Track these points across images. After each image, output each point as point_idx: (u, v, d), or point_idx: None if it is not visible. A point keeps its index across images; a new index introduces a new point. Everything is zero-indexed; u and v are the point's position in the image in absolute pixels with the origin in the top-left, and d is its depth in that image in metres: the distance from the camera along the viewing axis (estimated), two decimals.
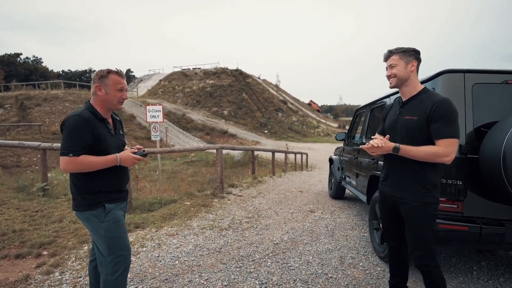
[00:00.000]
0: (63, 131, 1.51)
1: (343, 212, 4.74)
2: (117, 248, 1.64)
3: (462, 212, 2.20)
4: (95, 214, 1.60)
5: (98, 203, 1.60)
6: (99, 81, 1.61)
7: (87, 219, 1.61)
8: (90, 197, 1.59)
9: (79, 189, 1.59)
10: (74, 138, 1.48)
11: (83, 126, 1.50)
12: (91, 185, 1.59)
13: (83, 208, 1.59)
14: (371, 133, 3.99)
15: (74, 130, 1.49)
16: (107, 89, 1.61)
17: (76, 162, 1.48)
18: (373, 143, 1.71)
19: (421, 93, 1.77)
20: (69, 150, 1.47)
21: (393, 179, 1.86)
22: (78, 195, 1.60)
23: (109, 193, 1.65)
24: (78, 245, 3.06)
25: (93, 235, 1.65)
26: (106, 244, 1.61)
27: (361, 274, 2.62)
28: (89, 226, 1.64)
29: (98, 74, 1.61)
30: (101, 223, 1.60)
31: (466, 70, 2.29)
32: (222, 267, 2.68)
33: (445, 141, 1.62)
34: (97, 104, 1.63)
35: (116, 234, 1.65)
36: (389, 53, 1.82)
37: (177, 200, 4.90)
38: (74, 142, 1.48)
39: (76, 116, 1.51)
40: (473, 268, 2.78)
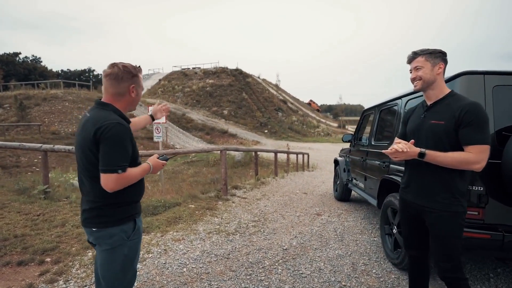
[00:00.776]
0: (103, 142, 1.26)
1: (350, 215, 4.66)
2: (129, 271, 1.44)
3: (483, 219, 2.12)
4: (125, 229, 1.38)
5: (129, 216, 1.40)
6: (133, 81, 1.40)
7: (110, 236, 1.36)
8: (122, 210, 1.38)
9: (110, 202, 1.35)
10: (120, 151, 1.28)
11: (126, 135, 1.31)
12: (124, 196, 1.37)
13: (111, 223, 1.35)
14: (380, 135, 3.91)
15: (119, 142, 1.28)
16: (139, 90, 1.44)
17: (124, 178, 1.29)
18: (397, 148, 1.62)
19: (448, 96, 1.68)
20: (118, 166, 1.26)
21: (416, 186, 1.77)
22: (108, 209, 1.35)
23: (137, 204, 1.48)
24: (82, 251, 2.97)
25: (108, 255, 1.38)
26: (120, 268, 1.39)
27: (376, 282, 2.54)
28: (109, 245, 1.37)
29: (129, 72, 1.38)
30: (128, 240, 1.39)
31: (486, 71, 2.21)
32: (231, 275, 2.59)
33: (476, 147, 1.54)
34: (122, 107, 1.42)
35: (135, 255, 1.46)
36: (413, 55, 1.73)
37: (181, 202, 4.81)
38: (121, 156, 1.29)
39: (117, 124, 1.29)
40: (490, 275, 2.70)
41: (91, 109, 1.39)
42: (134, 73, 1.39)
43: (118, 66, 1.36)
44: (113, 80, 1.36)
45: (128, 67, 1.38)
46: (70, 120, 19.88)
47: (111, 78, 1.36)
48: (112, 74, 1.36)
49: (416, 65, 1.72)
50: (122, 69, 1.36)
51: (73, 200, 4.72)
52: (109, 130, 1.26)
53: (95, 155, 1.29)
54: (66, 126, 19.05)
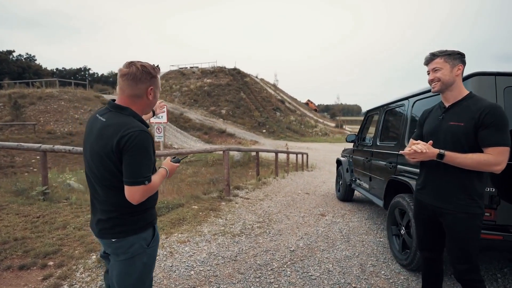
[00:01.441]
0: (129, 153, 1.17)
1: (354, 215, 4.65)
2: (147, 280, 1.37)
3: (495, 220, 2.11)
4: (145, 237, 1.32)
5: (149, 223, 1.34)
6: (151, 83, 1.29)
7: (131, 245, 1.28)
8: (142, 218, 1.32)
9: (130, 210, 1.27)
10: (146, 161, 1.20)
11: (150, 144, 1.23)
12: (144, 202, 1.29)
13: (132, 232, 1.28)
14: (385, 136, 3.90)
15: (145, 152, 1.20)
16: (157, 92, 1.34)
17: (150, 189, 1.22)
18: (416, 149, 1.60)
19: (467, 98, 1.67)
20: (144, 178, 1.19)
21: (433, 188, 1.75)
22: (128, 217, 1.28)
23: (154, 209, 1.41)
24: (86, 254, 2.91)
25: (126, 265, 1.30)
26: (138, 276, 1.32)
27: (385, 284, 2.52)
28: (128, 255, 1.29)
29: (148, 73, 1.26)
30: (148, 248, 1.33)
31: (497, 72, 2.20)
32: (240, 278, 2.56)
33: (496, 149, 1.52)
34: (139, 110, 1.32)
35: (153, 262, 1.40)
36: (432, 56, 1.71)
37: (184, 203, 4.76)
38: (147, 167, 1.21)
39: (141, 133, 1.20)
40: (497, 276, 2.70)
41: (104, 112, 1.29)
42: (153, 74, 1.29)
43: (136, 65, 1.25)
44: (130, 80, 1.25)
45: (147, 67, 1.27)
46: (66, 120, 19.68)
47: (128, 79, 1.25)
48: (129, 74, 1.24)
49: (434, 66, 1.70)
50: (140, 69, 1.25)
51: (73, 201, 4.65)
52: (134, 139, 1.16)
53: (115, 165, 1.20)
54: (62, 126, 18.86)
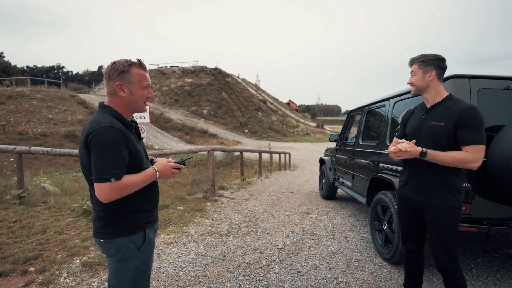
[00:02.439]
0: (93, 149, 1.15)
1: (338, 212, 4.79)
2: (141, 283, 1.36)
3: (470, 213, 2.27)
4: (134, 240, 1.29)
5: (139, 226, 1.31)
6: (120, 78, 1.24)
7: (120, 247, 1.26)
8: (130, 219, 1.28)
9: (117, 211, 1.25)
10: (112, 157, 1.15)
11: (119, 139, 1.18)
12: (133, 204, 1.27)
13: (118, 234, 1.26)
14: (368, 135, 4.05)
15: (110, 147, 1.15)
16: (132, 87, 1.27)
17: (120, 187, 1.16)
18: (401, 147, 1.70)
19: (447, 99, 1.79)
20: (109, 174, 1.13)
21: (416, 184, 1.86)
22: (115, 218, 1.25)
23: (149, 212, 1.37)
24: (69, 258, 2.81)
25: (118, 267, 1.29)
26: (131, 279, 1.30)
27: (369, 277, 2.63)
28: (118, 257, 1.28)
29: (116, 69, 1.24)
30: (138, 252, 1.30)
31: (472, 75, 2.36)
32: (230, 276, 2.58)
33: (473, 147, 1.65)
34: (120, 108, 1.28)
35: (147, 266, 1.38)
36: (411, 61, 1.87)
37: (169, 204, 4.69)
38: (114, 163, 1.15)
39: (107, 128, 1.16)
40: (471, 266, 2.89)
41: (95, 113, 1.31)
42: (121, 69, 1.24)
43: (110, 64, 1.26)
44: (105, 79, 1.28)
45: (117, 63, 1.25)
46: (39, 120, 18.74)
47: (104, 78, 1.28)
48: (104, 73, 1.28)
49: (411, 71, 1.85)
50: (110, 67, 1.25)
51: (52, 204, 4.46)
52: (99, 135, 1.14)
53: (89, 162, 1.20)
54: (34, 126, 17.93)
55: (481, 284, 2.55)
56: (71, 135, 17.72)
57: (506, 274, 2.72)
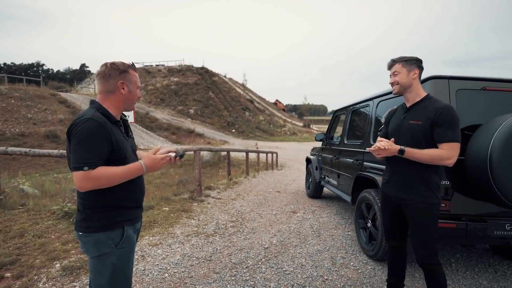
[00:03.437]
0: (73, 139, 1.21)
1: (324, 211, 4.84)
2: (119, 281, 1.34)
3: (450, 210, 2.34)
4: (112, 237, 1.30)
5: (117, 222, 1.32)
6: (122, 77, 1.35)
7: (96, 243, 1.28)
8: (110, 215, 1.30)
9: (95, 205, 1.28)
10: (88, 147, 1.19)
11: (98, 132, 1.22)
12: (111, 199, 1.30)
13: (96, 228, 1.28)
14: (352, 134, 4.11)
15: (87, 138, 1.20)
16: (131, 86, 1.39)
17: (93, 177, 1.19)
18: (380, 146, 1.75)
19: (425, 99, 1.85)
20: (83, 163, 1.18)
21: (397, 181, 1.91)
22: (93, 213, 1.28)
23: (130, 210, 1.38)
24: (48, 262, 2.71)
25: (97, 263, 1.31)
26: (110, 276, 1.31)
27: (354, 274, 2.68)
28: (96, 252, 1.29)
29: (117, 69, 1.34)
30: (116, 248, 1.31)
31: (450, 76, 2.44)
32: (216, 277, 2.55)
33: (448, 144, 1.71)
34: (113, 105, 1.36)
35: (126, 264, 1.37)
36: (392, 62, 1.90)
37: (154, 206, 4.61)
38: (89, 153, 1.19)
39: (88, 120, 1.22)
40: (451, 261, 2.99)
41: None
42: (122, 69, 1.36)
43: (107, 64, 1.35)
44: (102, 79, 1.35)
45: (116, 64, 1.36)
46: (17, 119, 18.00)
47: (100, 77, 1.35)
48: (100, 73, 1.35)
49: (394, 71, 1.89)
50: (109, 67, 1.34)
51: (31, 207, 4.29)
52: (78, 126, 1.21)
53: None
54: (12, 126, 17.21)
55: (460, 278, 2.64)
56: (51, 135, 17.13)
57: (483, 268, 2.83)
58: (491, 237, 2.31)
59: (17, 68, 58.87)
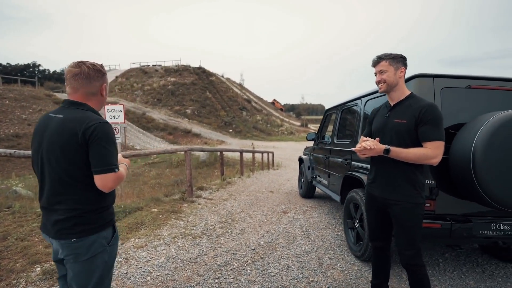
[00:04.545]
0: (96, 142, 1.22)
1: (315, 211, 4.81)
2: (107, 278, 1.36)
3: (435, 210, 2.31)
4: (105, 236, 1.33)
5: (109, 221, 1.36)
6: (104, 80, 1.36)
7: (91, 244, 1.27)
8: (103, 216, 1.33)
9: (95, 207, 1.29)
10: (113, 150, 1.27)
11: (114, 134, 1.30)
12: (105, 200, 1.33)
13: (92, 231, 1.28)
14: (342, 134, 4.08)
15: (112, 141, 1.27)
16: (107, 89, 1.42)
17: (120, 177, 1.28)
18: (365, 145, 1.71)
19: (409, 97, 1.82)
20: (114, 165, 1.25)
21: (382, 181, 1.87)
22: (89, 216, 1.28)
23: (112, 208, 1.42)
24: (29, 266, 2.66)
25: (87, 265, 1.28)
26: (100, 274, 1.31)
27: (340, 275, 2.64)
28: (88, 254, 1.27)
29: (99, 71, 1.33)
30: (108, 246, 1.34)
31: (435, 75, 2.41)
32: (199, 280, 2.51)
33: (432, 143, 1.68)
34: (93, 106, 1.37)
35: (113, 260, 1.40)
36: (378, 59, 1.84)
37: (143, 207, 4.56)
38: (115, 155, 1.28)
39: (105, 123, 1.27)
40: (439, 261, 2.96)
41: (59, 111, 1.31)
42: (103, 72, 1.37)
43: (86, 64, 1.31)
44: (84, 79, 1.30)
45: (97, 66, 1.35)
46: (11, 120, 17.87)
47: (81, 78, 1.30)
48: (82, 73, 1.30)
49: (380, 69, 1.83)
50: (92, 68, 1.32)
51: (16, 209, 4.23)
52: (100, 130, 1.23)
53: (81, 158, 1.23)
54: (6, 127, 17.08)
55: (447, 278, 2.61)
56: None
57: (471, 268, 2.81)
58: (476, 237, 2.28)
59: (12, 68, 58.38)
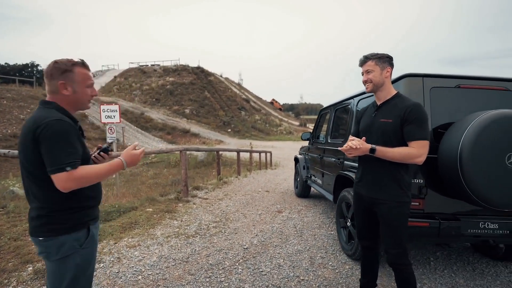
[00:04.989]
0: (45, 142, 1.16)
1: (310, 211, 4.82)
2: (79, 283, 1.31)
3: (423, 209, 2.32)
4: (77, 238, 1.28)
5: (82, 223, 1.30)
6: (63, 77, 1.28)
7: (61, 245, 1.24)
8: (74, 216, 1.28)
9: (61, 207, 1.25)
10: (65, 148, 1.18)
11: (71, 131, 1.22)
12: (76, 200, 1.28)
13: (61, 231, 1.24)
14: (336, 133, 4.09)
15: (62, 138, 1.18)
16: (75, 86, 1.30)
17: (77, 176, 1.18)
18: (351, 145, 1.72)
19: (395, 97, 1.83)
20: (64, 164, 1.15)
21: (369, 180, 1.89)
22: (58, 215, 1.25)
23: (92, 209, 1.37)
24: (21, 266, 2.67)
25: (58, 266, 1.26)
26: (71, 278, 1.27)
27: (331, 274, 2.65)
28: (58, 255, 1.25)
29: (58, 68, 1.27)
30: (81, 248, 1.29)
31: (425, 74, 2.42)
32: (190, 279, 2.52)
33: (417, 142, 1.69)
34: (64, 105, 1.31)
35: (88, 264, 1.35)
36: (365, 59, 1.85)
37: (137, 207, 4.56)
38: (68, 153, 1.18)
39: (58, 121, 1.19)
40: (430, 259, 2.98)
41: (36, 110, 1.31)
42: (64, 68, 1.28)
43: (51, 63, 1.29)
44: (47, 78, 1.29)
45: (59, 62, 1.28)
46: (9, 120, 17.83)
47: (46, 77, 1.29)
48: (46, 73, 1.29)
49: (367, 68, 1.85)
50: (52, 66, 1.28)
51: (11, 209, 4.23)
52: (49, 128, 1.17)
53: (36, 156, 1.19)
54: (4, 127, 17.04)
55: (437, 277, 2.63)
56: None
57: (461, 267, 2.83)
58: (465, 236, 2.29)
59: (11, 68, 58.20)
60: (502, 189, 1.94)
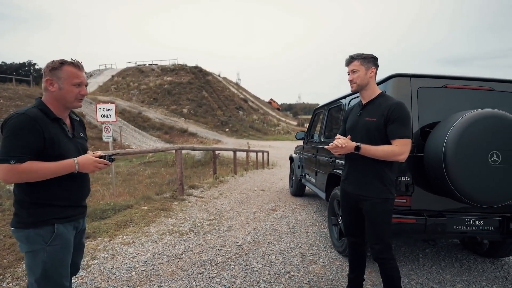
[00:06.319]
0: (3, 133, 1.24)
1: (304, 209, 4.88)
2: (50, 281, 1.33)
3: (411, 206, 2.38)
4: (40, 233, 1.30)
5: (46, 220, 1.31)
6: (51, 74, 1.34)
7: (27, 238, 1.29)
8: (38, 212, 1.30)
9: (23, 201, 1.30)
10: (16, 140, 1.21)
11: (28, 126, 1.24)
12: (39, 196, 1.31)
13: (25, 225, 1.29)
14: (329, 132, 4.15)
15: (17, 131, 1.22)
16: (61, 83, 1.35)
17: (19, 170, 1.20)
18: (337, 143, 1.78)
19: (379, 96, 1.89)
20: (10, 156, 1.19)
21: (354, 177, 1.95)
22: (22, 209, 1.30)
23: (63, 208, 1.37)
24: (16, 262, 2.71)
25: (30, 259, 1.31)
26: (41, 273, 1.30)
27: (322, 270, 2.71)
28: (27, 248, 1.31)
29: (49, 66, 1.35)
30: (46, 245, 1.31)
31: (412, 74, 2.47)
32: (183, 275, 2.57)
33: (400, 141, 1.75)
34: (50, 102, 1.36)
35: (60, 262, 1.35)
36: (350, 59, 1.91)
37: (133, 205, 4.60)
38: (17, 146, 1.21)
39: (20, 114, 1.24)
40: (419, 256, 3.04)
41: None
42: (53, 66, 1.35)
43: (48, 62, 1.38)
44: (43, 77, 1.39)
45: (52, 61, 1.37)
46: None
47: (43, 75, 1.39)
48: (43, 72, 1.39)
49: (352, 68, 1.90)
50: (46, 65, 1.37)
51: (7, 207, 4.26)
52: (8, 121, 1.24)
53: None
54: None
55: (425, 272, 2.69)
56: None
57: (449, 263, 2.89)
58: (451, 232, 2.35)
59: (8, 67, 57.86)
60: (485, 186, 2.00)
